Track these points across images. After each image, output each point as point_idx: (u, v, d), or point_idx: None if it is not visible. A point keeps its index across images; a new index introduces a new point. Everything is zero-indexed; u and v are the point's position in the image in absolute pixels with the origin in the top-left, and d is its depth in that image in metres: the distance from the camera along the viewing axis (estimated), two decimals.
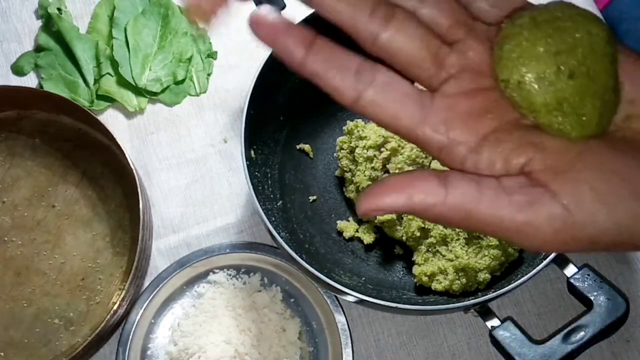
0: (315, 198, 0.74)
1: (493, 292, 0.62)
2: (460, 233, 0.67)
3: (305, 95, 0.68)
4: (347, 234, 0.72)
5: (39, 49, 0.80)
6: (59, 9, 0.81)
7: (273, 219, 0.66)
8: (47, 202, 0.74)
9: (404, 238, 0.69)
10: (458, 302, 0.64)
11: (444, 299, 0.67)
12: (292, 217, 0.72)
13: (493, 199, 0.29)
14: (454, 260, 0.66)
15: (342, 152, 0.73)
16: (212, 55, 0.82)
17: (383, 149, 0.69)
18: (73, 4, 0.83)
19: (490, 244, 0.66)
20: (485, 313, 0.65)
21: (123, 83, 0.79)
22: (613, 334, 0.64)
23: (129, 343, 0.68)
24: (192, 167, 0.78)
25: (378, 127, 0.64)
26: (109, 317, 0.65)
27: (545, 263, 0.61)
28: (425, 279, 0.67)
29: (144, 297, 0.70)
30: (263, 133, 0.71)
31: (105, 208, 0.74)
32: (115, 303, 0.67)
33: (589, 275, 0.64)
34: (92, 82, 0.79)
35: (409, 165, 0.68)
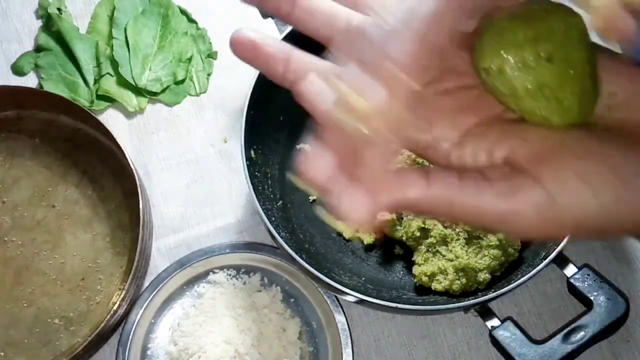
0: (315, 198, 0.74)
1: (493, 292, 0.62)
2: (460, 233, 0.67)
3: None
4: (347, 234, 0.72)
5: (39, 49, 0.80)
6: (59, 9, 0.81)
7: (273, 219, 0.66)
8: (47, 202, 0.74)
9: (404, 238, 0.69)
10: (458, 302, 0.64)
11: (444, 299, 0.67)
12: (292, 217, 0.72)
13: (475, 189, 0.30)
14: (454, 260, 0.66)
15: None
16: (212, 55, 0.82)
17: None
18: (73, 4, 0.83)
19: (490, 244, 0.66)
20: (485, 313, 0.65)
21: (123, 83, 0.79)
22: (613, 334, 0.64)
23: (129, 343, 0.68)
24: (192, 167, 0.78)
25: None
26: (109, 317, 0.65)
27: (545, 263, 0.61)
28: (425, 279, 0.67)
29: (144, 297, 0.70)
30: (263, 133, 0.71)
31: (106, 208, 0.74)
32: (115, 303, 0.67)
33: (589, 275, 0.64)
34: (92, 82, 0.79)
35: (409, 165, 0.68)
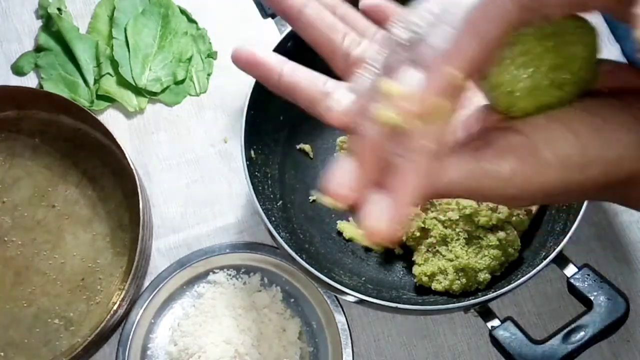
0: (316, 198, 0.74)
1: (493, 292, 0.62)
2: (460, 233, 0.67)
3: None
4: (347, 234, 0.72)
5: (39, 49, 0.80)
6: (59, 9, 0.81)
7: (273, 219, 0.66)
8: (47, 202, 0.74)
9: (404, 238, 0.69)
10: (458, 302, 0.64)
11: (444, 299, 0.66)
12: (292, 217, 0.72)
13: (490, 155, 0.30)
14: (454, 260, 0.66)
15: (342, 152, 0.73)
16: (212, 55, 0.81)
17: None
18: (73, 4, 0.83)
19: (490, 244, 0.66)
20: (486, 313, 0.65)
21: (123, 83, 0.79)
22: (613, 334, 0.64)
23: (129, 343, 0.68)
24: (192, 167, 0.78)
25: None
26: (109, 317, 0.65)
27: (545, 263, 0.61)
28: (425, 279, 0.67)
29: (144, 297, 0.70)
30: (263, 133, 0.71)
31: (105, 208, 0.74)
32: (115, 303, 0.67)
33: (589, 275, 0.64)
34: (92, 82, 0.79)
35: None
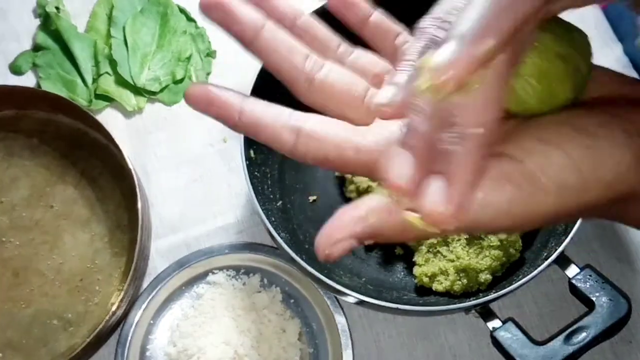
0: (315, 198, 0.74)
1: (494, 292, 0.62)
2: (461, 233, 0.67)
3: None
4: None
5: (37, 48, 0.80)
6: (57, 8, 0.81)
7: (273, 219, 0.66)
8: (45, 202, 0.74)
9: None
10: (459, 303, 0.64)
11: (445, 300, 0.66)
12: (292, 217, 0.72)
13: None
14: (455, 261, 0.66)
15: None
16: (211, 55, 0.81)
17: None
18: (71, 3, 0.82)
19: (492, 245, 0.66)
20: (487, 314, 0.65)
21: (121, 82, 0.78)
22: (615, 335, 0.64)
23: (128, 344, 0.68)
24: (191, 167, 0.77)
25: None
26: (108, 318, 0.65)
27: (547, 264, 0.61)
28: (426, 280, 0.67)
29: (143, 297, 0.69)
30: None
31: (104, 208, 0.74)
32: (114, 304, 0.66)
33: (591, 276, 0.64)
34: (90, 81, 0.78)
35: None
